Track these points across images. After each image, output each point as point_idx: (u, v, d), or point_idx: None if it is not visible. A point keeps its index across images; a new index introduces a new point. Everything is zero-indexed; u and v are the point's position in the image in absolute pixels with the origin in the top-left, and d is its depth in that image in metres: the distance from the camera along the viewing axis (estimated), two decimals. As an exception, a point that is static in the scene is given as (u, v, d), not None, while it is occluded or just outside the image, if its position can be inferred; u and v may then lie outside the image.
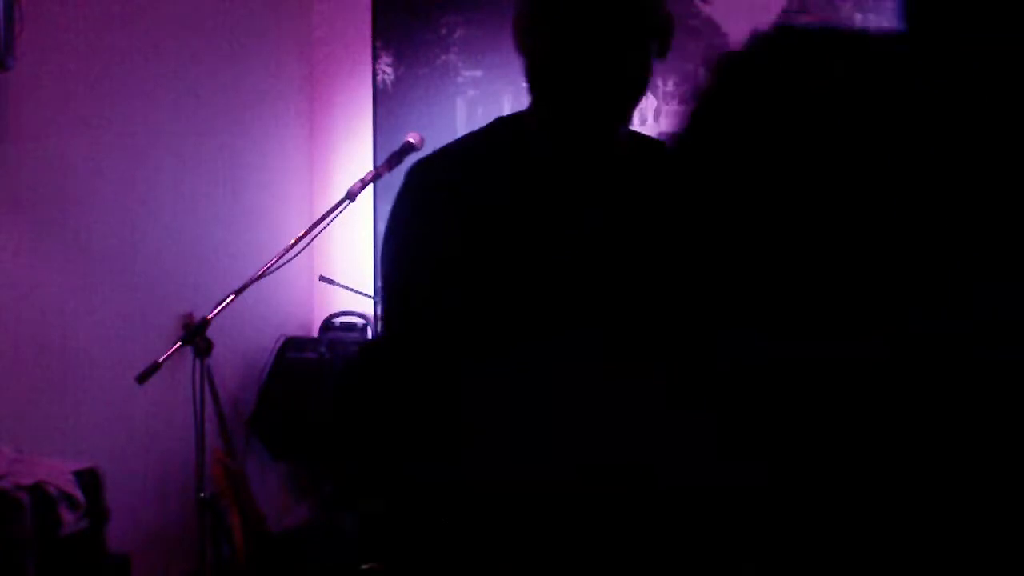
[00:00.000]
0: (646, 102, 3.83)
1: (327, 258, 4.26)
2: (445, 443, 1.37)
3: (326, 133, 4.46)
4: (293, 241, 3.01)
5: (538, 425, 1.31)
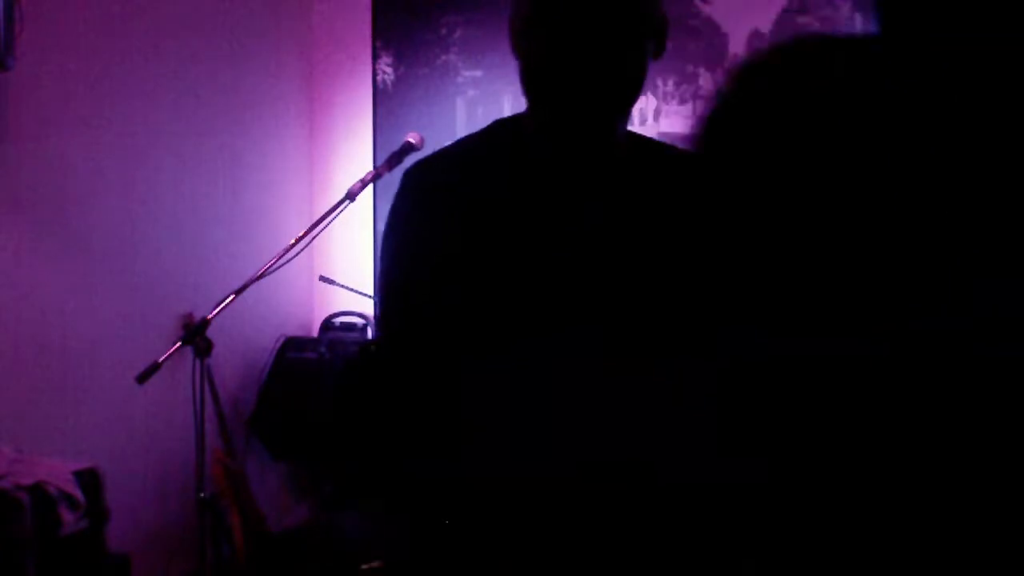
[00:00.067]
0: (646, 102, 3.83)
1: (327, 258, 4.27)
2: (445, 440, 1.37)
3: (326, 133, 4.46)
4: (293, 241, 3.02)
5: (538, 422, 1.31)
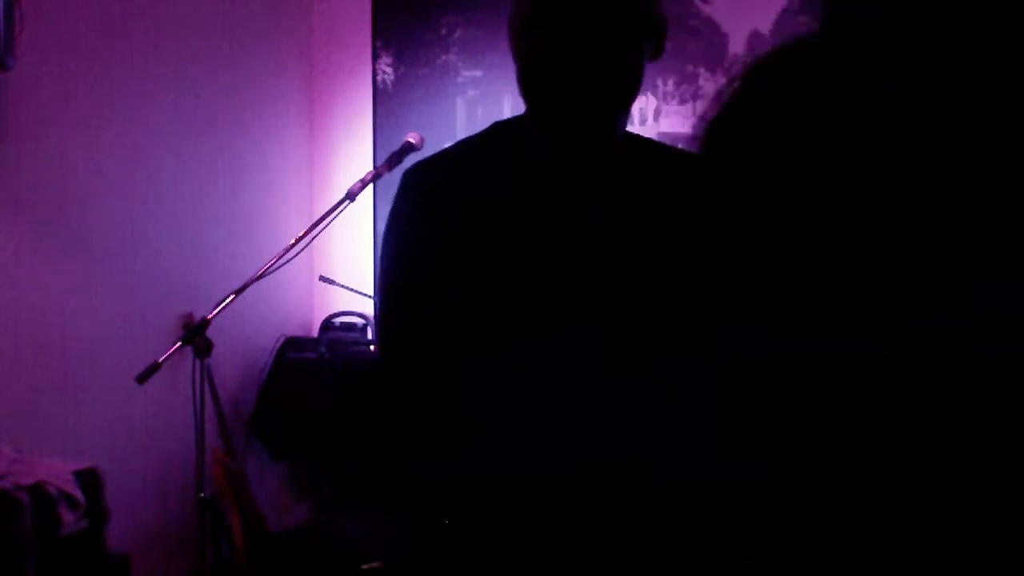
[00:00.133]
0: (646, 102, 3.83)
1: (327, 258, 4.27)
2: (445, 440, 1.38)
3: (326, 133, 4.46)
4: (293, 241, 3.02)
5: (538, 422, 1.31)
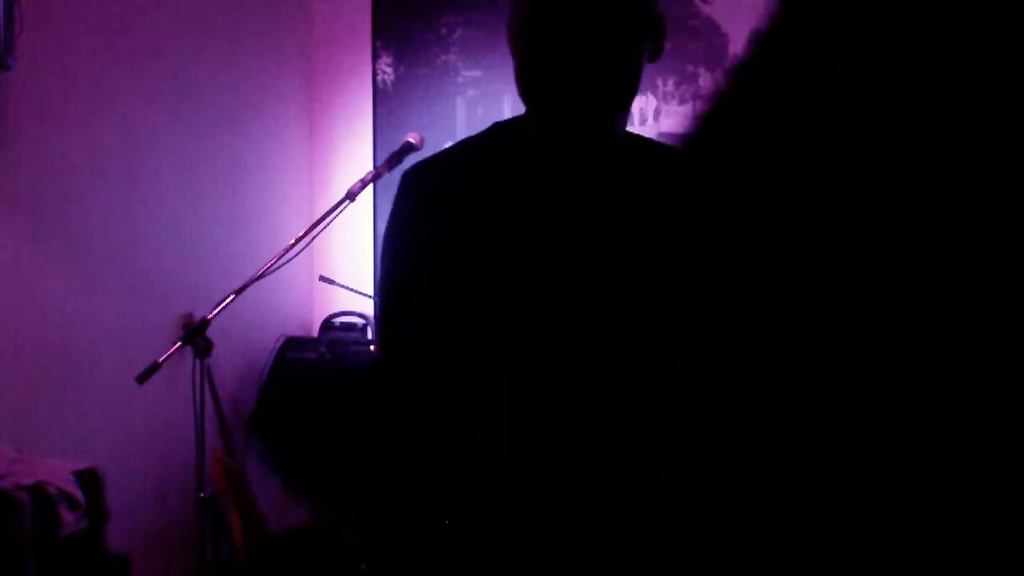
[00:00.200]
0: (646, 102, 3.83)
1: (327, 258, 4.27)
2: (445, 440, 1.38)
3: (326, 133, 4.46)
4: (293, 241, 3.02)
5: (538, 422, 1.31)
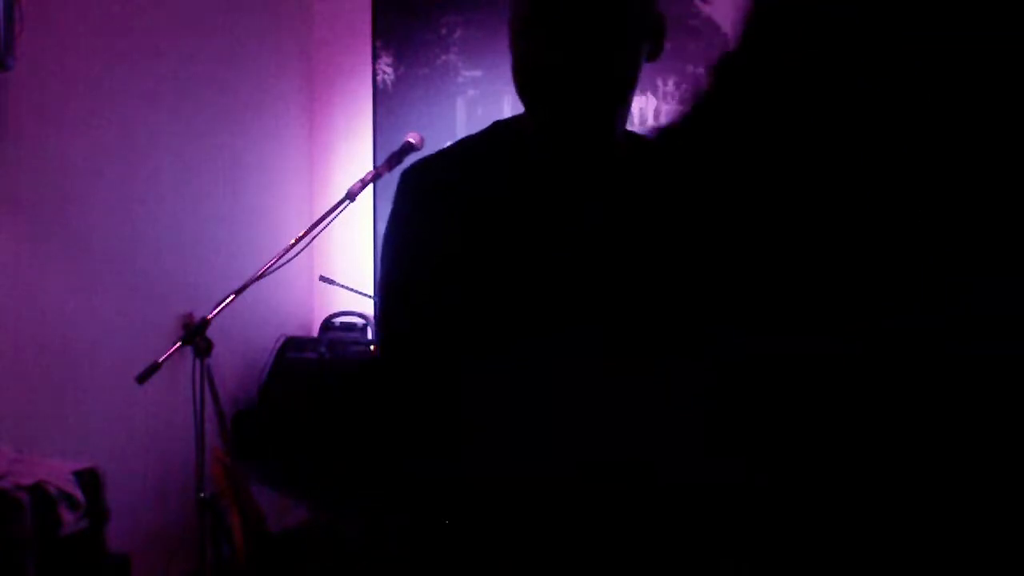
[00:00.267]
0: (646, 102, 3.83)
1: (327, 258, 4.27)
2: (445, 440, 1.37)
3: (326, 133, 4.46)
4: (293, 241, 3.02)
5: (538, 422, 1.31)
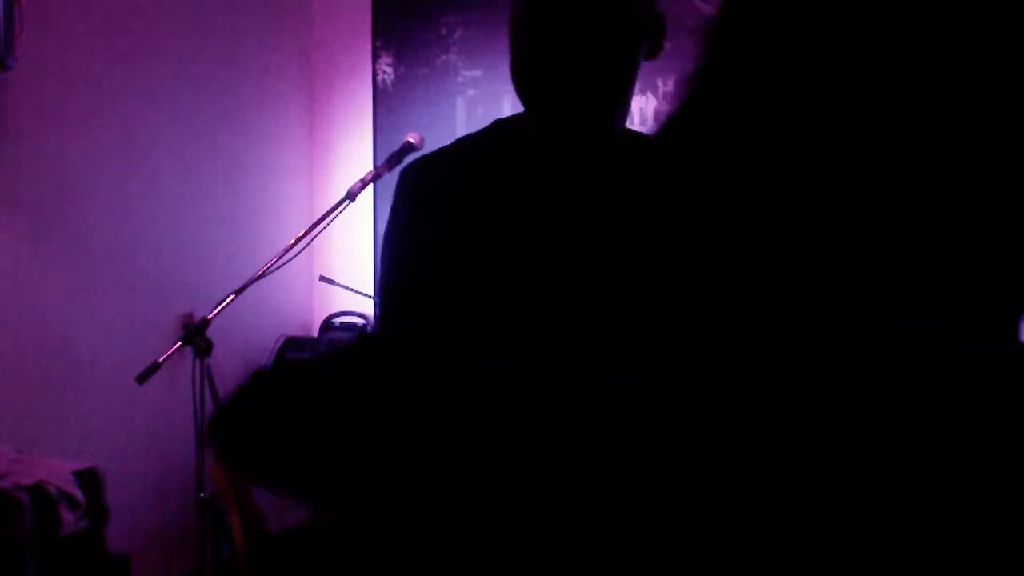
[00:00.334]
0: (646, 102, 3.83)
1: (327, 258, 4.26)
2: (445, 440, 1.37)
3: (326, 133, 4.46)
4: (293, 241, 3.02)
5: (538, 422, 1.30)
